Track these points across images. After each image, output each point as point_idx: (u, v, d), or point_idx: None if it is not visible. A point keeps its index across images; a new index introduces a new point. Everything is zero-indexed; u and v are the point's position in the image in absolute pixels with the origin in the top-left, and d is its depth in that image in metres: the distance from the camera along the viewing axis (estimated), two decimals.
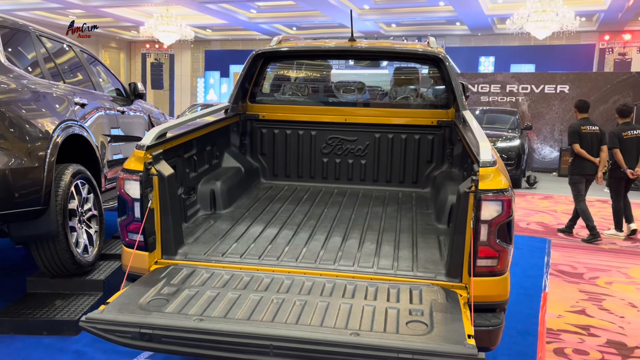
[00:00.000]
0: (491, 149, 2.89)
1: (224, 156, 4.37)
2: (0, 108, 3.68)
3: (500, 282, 2.81)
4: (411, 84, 4.85)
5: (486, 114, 13.44)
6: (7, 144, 3.71)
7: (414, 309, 2.57)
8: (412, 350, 2.22)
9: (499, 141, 11.72)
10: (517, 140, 11.89)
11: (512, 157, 11.45)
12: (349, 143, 4.65)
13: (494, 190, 2.69)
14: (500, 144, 11.66)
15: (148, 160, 2.96)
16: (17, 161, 3.75)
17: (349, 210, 3.99)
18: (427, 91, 4.80)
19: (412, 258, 3.16)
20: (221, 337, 2.32)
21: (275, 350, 2.29)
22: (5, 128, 3.71)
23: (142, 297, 2.61)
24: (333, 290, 2.76)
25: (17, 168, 3.74)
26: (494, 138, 11.82)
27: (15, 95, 3.95)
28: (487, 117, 13.29)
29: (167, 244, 3.11)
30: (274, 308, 2.55)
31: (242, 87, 4.51)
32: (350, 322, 2.44)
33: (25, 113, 3.94)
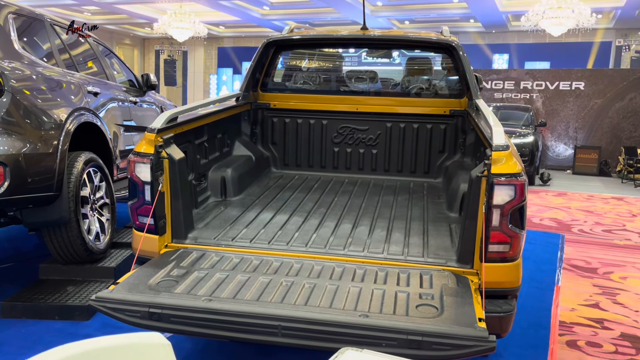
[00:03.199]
0: (504, 135, 2.86)
1: (235, 144, 4.37)
2: (14, 95, 3.71)
3: (512, 268, 2.78)
4: (423, 73, 4.82)
5: (500, 110, 13.34)
6: (20, 131, 3.74)
7: (424, 293, 2.54)
8: (421, 332, 2.20)
9: (513, 137, 11.62)
10: (531, 136, 11.79)
11: (526, 154, 11.35)
12: (360, 132, 4.63)
13: (507, 175, 2.66)
14: (514, 140, 11.55)
15: (159, 143, 2.97)
16: (31, 147, 3.78)
17: (359, 199, 3.97)
18: (440, 80, 4.76)
19: (423, 245, 3.14)
20: (230, 317, 2.32)
21: (284, 330, 2.29)
22: (18, 115, 3.74)
23: (152, 278, 2.61)
24: (343, 274, 2.74)
25: (30, 154, 3.77)
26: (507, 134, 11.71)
27: (29, 83, 3.98)
28: (501, 114, 13.18)
29: (178, 228, 3.11)
30: (282, 290, 2.54)
31: (253, 75, 4.51)
32: (359, 304, 2.42)
33: (38, 100, 3.97)
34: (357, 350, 1.45)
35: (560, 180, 12.89)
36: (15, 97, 3.75)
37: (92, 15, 22.49)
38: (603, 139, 14.36)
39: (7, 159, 3.60)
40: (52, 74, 4.33)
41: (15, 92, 3.75)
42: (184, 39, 21.32)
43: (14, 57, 4.03)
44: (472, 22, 22.21)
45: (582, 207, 9.35)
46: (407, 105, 4.51)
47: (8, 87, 3.71)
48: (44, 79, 4.18)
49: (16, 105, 3.75)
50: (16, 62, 3.99)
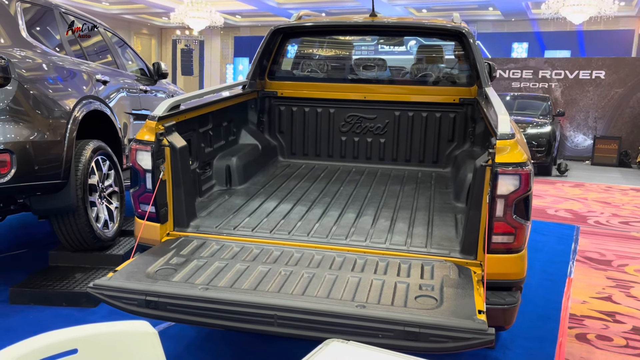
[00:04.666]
0: (510, 123, 2.79)
1: (241, 133, 4.35)
2: (21, 83, 3.72)
3: (517, 260, 2.72)
4: (433, 61, 4.74)
5: (517, 100, 13.14)
6: (27, 119, 3.76)
7: (425, 284, 2.50)
8: (419, 324, 2.16)
9: (529, 127, 11.46)
10: (548, 126, 11.60)
11: (543, 144, 11.17)
12: (368, 121, 4.57)
13: (512, 164, 2.60)
14: (531, 130, 11.39)
15: (160, 131, 2.95)
16: (38, 135, 3.80)
17: (365, 189, 3.93)
18: (449, 68, 4.68)
19: (427, 235, 3.09)
20: (226, 306, 2.31)
21: (280, 320, 2.27)
22: (25, 103, 3.75)
23: (151, 266, 2.61)
24: (343, 264, 2.71)
25: (37, 142, 3.79)
26: (524, 124, 11.56)
27: (37, 71, 3.99)
28: (518, 103, 12.99)
29: (179, 216, 3.10)
30: (281, 279, 2.52)
31: (260, 63, 4.47)
32: (357, 294, 2.39)
33: (46, 89, 3.98)
34: (342, 341, 1.42)
35: (578, 171, 12.68)
36: (22, 85, 3.76)
37: (110, 5, 22.61)
38: (623, 129, 14.09)
39: (13, 146, 3.62)
40: (60, 62, 4.34)
41: (22, 81, 3.76)
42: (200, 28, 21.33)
43: (22, 45, 4.04)
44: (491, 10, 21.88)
45: (599, 199, 9.19)
46: (415, 93, 4.44)
47: (15, 75, 3.72)
48: (52, 67, 4.19)
49: (23, 94, 3.76)
50: (24, 50, 4.00)
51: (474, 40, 4.12)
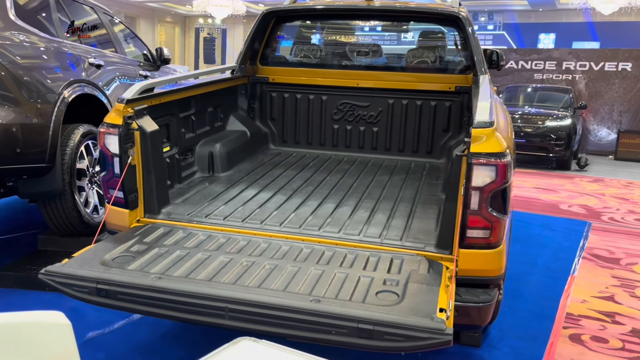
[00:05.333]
0: (493, 110, 2.63)
1: (230, 119, 4.24)
2: (4, 64, 3.68)
3: (493, 256, 2.57)
4: (428, 46, 4.57)
5: (538, 92, 12.77)
6: (10, 101, 3.72)
7: (390, 279, 2.38)
8: (373, 321, 2.04)
9: (548, 120, 11.13)
10: (569, 119, 11.24)
11: (562, 137, 10.84)
12: (360, 109, 4.43)
13: (487, 154, 2.45)
14: (550, 122, 11.06)
15: (128, 114, 2.87)
16: (21, 118, 3.76)
17: (351, 179, 3.80)
18: (446, 55, 4.50)
19: (405, 227, 2.96)
20: (176, 297, 2.22)
21: (231, 313, 2.17)
22: (7, 84, 3.71)
23: (109, 253, 2.54)
24: (309, 255, 2.60)
25: (20, 124, 3.75)
26: (542, 117, 11.24)
27: (21, 52, 3.94)
28: (539, 95, 12.63)
29: (150, 203, 3.03)
30: (240, 270, 2.42)
31: (251, 47, 4.36)
32: (316, 288, 2.28)
33: (31, 70, 3.94)
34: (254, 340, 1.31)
35: (599, 165, 12.29)
36: (4, 66, 3.71)
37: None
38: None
39: None
40: (49, 44, 4.29)
41: (4, 61, 3.72)
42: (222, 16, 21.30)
43: (8, 26, 3.99)
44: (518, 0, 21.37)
45: (617, 194, 8.88)
46: (410, 80, 4.27)
47: None
48: (39, 49, 4.14)
49: (4, 75, 3.71)
50: (9, 31, 3.95)
51: (471, 25, 3.94)
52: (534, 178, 9.91)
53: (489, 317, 2.60)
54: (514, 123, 11.20)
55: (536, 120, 11.29)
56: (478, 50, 3.88)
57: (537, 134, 10.97)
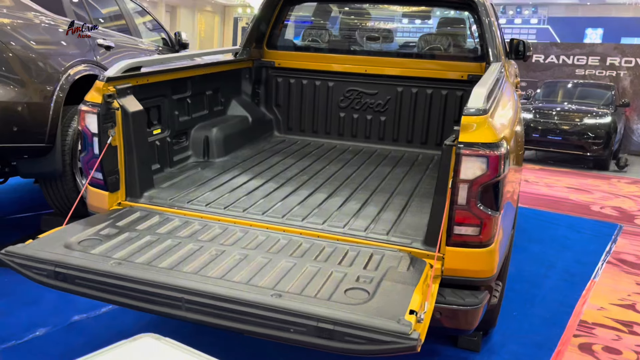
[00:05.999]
0: (493, 98, 2.41)
1: (231, 104, 4.11)
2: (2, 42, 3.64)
3: (483, 256, 2.37)
4: (441, 32, 4.33)
5: (578, 88, 12.23)
6: (7, 79, 3.68)
7: (364, 275, 2.20)
8: (333, 320, 1.88)
9: (587, 117, 10.63)
10: (609, 117, 10.71)
11: (601, 136, 10.34)
12: (368, 97, 4.23)
13: (478, 144, 2.24)
14: (588, 120, 10.57)
15: (108, 92, 2.76)
16: (19, 96, 3.72)
17: (351, 169, 3.62)
18: (460, 41, 4.25)
19: (395, 221, 2.77)
20: (132, 284, 2.11)
21: (187, 304, 2.04)
22: (6, 62, 3.67)
23: (76, 235, 2.44)
24: (284, 247, 2.45)
25: (17, 103, 3.71)
26: (581, 114, 10.75)
27: (23, 30, 3.90)
28: (579, 92, 12.09)
29: (132, 186, 2.92)
30: (207, 259, 2.29)
31: (257, 30, 4.21)
32: (282, 282, 2.12)
33: (31, 49, 3.89)
34: (157, 337, 1.17)
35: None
36: (2, 44, 3.68)
37: None
38: None
39: None
40: (54, 23, 4.24)
41: (2, 39, 3.68)
42: None
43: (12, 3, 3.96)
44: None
45: None
46: (421, 67, 4.05)
47: None
48: (43, 27, 4.10)
49: (3, 52, 3.68)
50: (12, 8, 3.92)
51: (487, 10, 3.69)
52: (567, 177, 9.49)
53: (475, 321, 2.40)
54: (550, 119, 10.76)
55: (574, 117, 10.82)
56: (493, 36, 3.63)
57: (574, 131, 10.52)
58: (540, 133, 10.70)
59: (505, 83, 3.29)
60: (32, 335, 3.13)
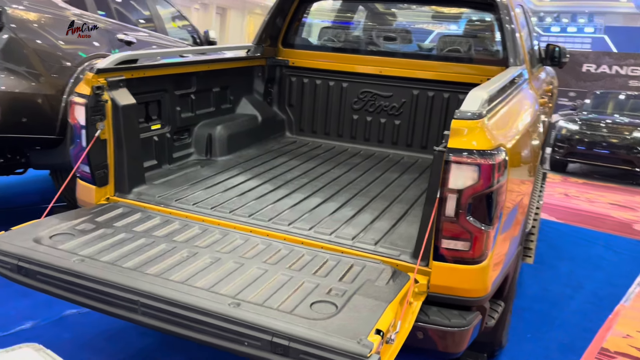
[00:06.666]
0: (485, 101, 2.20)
1: (241, 102, 4.00)
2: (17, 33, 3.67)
3: (474, 273, 2.16)
4: (461, 34, 4.10)
5: (630, 100, 11.62)
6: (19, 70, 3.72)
7: (337, 288, 2.04)
8: (289, 335, 1.73)
9: (637, 131, 10.07)
10: None
11: None
12: (382, 99, 4.04)
13: (467, 151, 2.04)
14: (638, 134, 10.02)
15: (98, 84, 2.69)
16: (30, 88, 3.74)
17: (356, 173, 3.45)
18: (481, 43, 4.01)
19: (387, 231, 2.59)
20: (90, 284, 2.01)
21: (143, 308, 1.93)
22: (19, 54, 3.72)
23: (50, 229, 2.37)
24: (261, 252, 2.31)
25: (28, 94, 3.73)
26: (631, 127, 10.19)
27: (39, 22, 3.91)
28: (632, 104, 11.47)
29: (121, 181, 2.85)
30: (176, 261, 2.18)
31: (270, 27, 4.10)
32: (246, 290, 1.99)
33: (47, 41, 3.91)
34: (37, 348, 1.06)
35: None
36: (17, 35, 3.69)
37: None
38: None
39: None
40: (72, 16, 4.24)
41: (17, 30, 3.70)
42: None
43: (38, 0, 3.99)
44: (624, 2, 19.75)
45: None
46: (438, 70, 3.83)
47: (9, 24, 3.66)
48: (60, 20, 4.10)
49: (16, 44, 3.70)
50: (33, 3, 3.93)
51: (509, 11, 3.45)
52: (612, 193, 8.99)
53: (462, 344, 2.19)
54: (598, 132, 10.24)
55: (623, 130, 10.27)
56: (514, 39, 3.39)
57: (623, 145, 9.97)
58: (586, 145, 10.20)
59: (522, 88, 3.06)
60: (20, 327, 3.11)
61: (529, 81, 3.44)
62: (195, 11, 24.02)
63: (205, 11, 24.12)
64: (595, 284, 4.65)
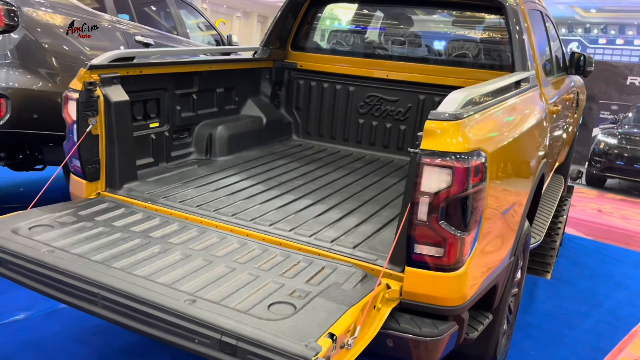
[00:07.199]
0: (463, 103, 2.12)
1: (247, 104, 3.99)
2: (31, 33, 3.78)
3: (448, 281, 2.07)
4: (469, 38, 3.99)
5: None
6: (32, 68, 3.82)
7: (302, 289, 1.99)
8: (236, 335, 1.69)
9: None
10: None
11: None
12: (388, 104, 3.96)
13: (442, 153, 1.96)
14: None
15: (90, 80, 2.73)
16: (42, 86, 3.84)
17: (354, 177, 3.39)
18: (490, 48, 3.89)
19: (370, 235, 2.52)
20: (55, 274, 2.02)
21: (103, 301, 1.93)
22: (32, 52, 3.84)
23: (31, 220, 2.40)
24: (233, 251, 2.28)
25: (40, 91, 3.83)
26: None
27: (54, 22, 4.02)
28: None
29: (112, 177, 2.87)
30: (146, 256, 2.17)
31: (278, 30, 4.09)
32: (206, 288, 1.96)
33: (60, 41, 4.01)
34: None
35: None
36: (30, 35, 3.80)
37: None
38: None
39: (9, 92, 3.67)
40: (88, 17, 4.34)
41: (31, 30, 3.80)
42: None
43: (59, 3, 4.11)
44: None
45: None
46: (445, 75, 3.73)
47: (23, 23, 3.76)
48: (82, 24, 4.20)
49: (29, 43, 3.80)
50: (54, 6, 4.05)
51: (518, 15, 3.33)
52: None
53: (434, 355, 2.10)
54: (638, 146, 9.84)
55: None
56: (520, 44, 3.27)
57: None
58: (625, 160, 9.83)
59: (525, 94, 2.95)
60: (13, 318, 3.16)
61: (538, 88, 3.32)
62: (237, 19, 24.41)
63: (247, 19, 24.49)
64: (615, 303, 4.43)
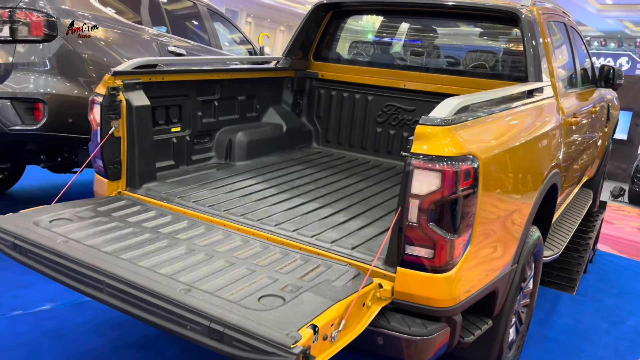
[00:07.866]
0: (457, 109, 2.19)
1: (268, 111, 4.12)
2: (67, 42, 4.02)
3: (439, 282, 2.13)
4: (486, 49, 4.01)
5: None
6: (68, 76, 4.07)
7: (294, 284, 2.08)
8: (224, 322, 1.80)
9: None
10: None
11: None
12: (406, 113, 4.03)
13: (432, 156, 2.03)
14: None
15: (114, 85, 2.91)
16: (77, 92, 4.07)
17: (366, 184, 3.46)
18: (508, 59, 3.90)
19: (371, 238, 2.59)
20: (67, 263, 2.18)
21: (108, 288, 2.07)
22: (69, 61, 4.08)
23: (52, 213, 2.58)
24: (237, 247, 2.40)
25: (75, 97, 4.06)
26: None
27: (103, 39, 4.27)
28: None
29: (132, 177, 3.04)
30: (152, 250, 2.31)
31: (301, 41, 4.22)
32: (204, 279, 2.08)
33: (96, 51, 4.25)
34: None
35: None
36: (68, 45, 4.04)
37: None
38: None
39: (46, 97, 3.92)
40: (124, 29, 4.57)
41: (68, 40, 4.05)
42: None
43: (86, 8, 4.35)
44: None
45: None
46: (461, 85, 3.76)
47: (62, 33, 4.01)
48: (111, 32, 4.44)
49: (67, 52, 4.05)
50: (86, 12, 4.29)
51: (532, 27, 3.35)
52: None
53: (424, 355, 2.14)
54: None
55: None
56: (535, 55, 3.29)
57: None
58: None
59: (535, 104, 2.98)
60: (39, 308, 3.36)
61: (554, 99, 3.33)
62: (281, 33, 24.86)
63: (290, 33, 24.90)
64: (635, 323, 4.33)
